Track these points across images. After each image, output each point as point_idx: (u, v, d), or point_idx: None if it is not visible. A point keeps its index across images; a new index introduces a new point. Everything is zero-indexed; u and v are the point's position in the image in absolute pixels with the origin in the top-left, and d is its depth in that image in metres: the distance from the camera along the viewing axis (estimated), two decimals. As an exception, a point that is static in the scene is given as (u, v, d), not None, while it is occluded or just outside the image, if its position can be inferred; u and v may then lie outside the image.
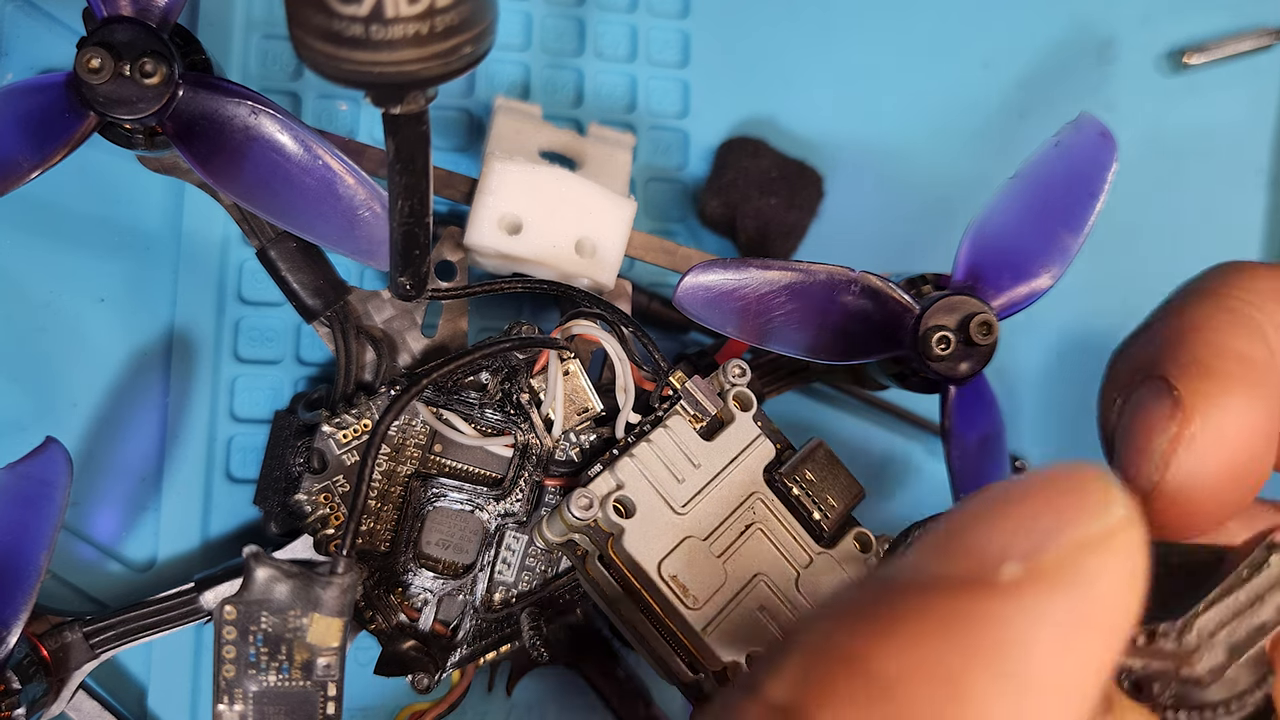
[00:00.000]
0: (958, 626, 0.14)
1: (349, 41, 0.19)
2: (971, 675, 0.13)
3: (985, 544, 0.14)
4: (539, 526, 0.29)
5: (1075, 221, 0.31)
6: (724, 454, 0.30)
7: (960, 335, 0.30)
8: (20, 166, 0.28)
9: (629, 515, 0.28)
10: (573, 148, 0.35)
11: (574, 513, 0.27)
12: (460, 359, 0.30)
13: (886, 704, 0.13)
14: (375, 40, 0.19)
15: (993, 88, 0.42)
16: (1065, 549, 0.14)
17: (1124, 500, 0.14)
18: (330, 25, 0.19)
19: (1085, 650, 0.14)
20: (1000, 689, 0.13)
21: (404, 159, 0.23)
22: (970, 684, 0.13)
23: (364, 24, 0.18)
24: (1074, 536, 0.14)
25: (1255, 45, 0.43)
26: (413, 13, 0.19)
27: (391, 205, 0.24)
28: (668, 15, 0.39)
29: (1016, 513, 0.14)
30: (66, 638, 0.30)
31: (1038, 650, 0.14)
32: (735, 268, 0.30)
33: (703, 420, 0.30)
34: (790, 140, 0.39)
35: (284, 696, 0.26)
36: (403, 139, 0.22)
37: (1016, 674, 0.13)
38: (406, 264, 0.27)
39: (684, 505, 0.29)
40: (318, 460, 0.30)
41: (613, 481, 0.28)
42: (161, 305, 0.35)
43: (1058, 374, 0.42)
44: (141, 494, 0.34)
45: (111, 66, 0.27)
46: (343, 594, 0.26)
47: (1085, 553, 0.14)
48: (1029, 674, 0.13)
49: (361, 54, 0.19)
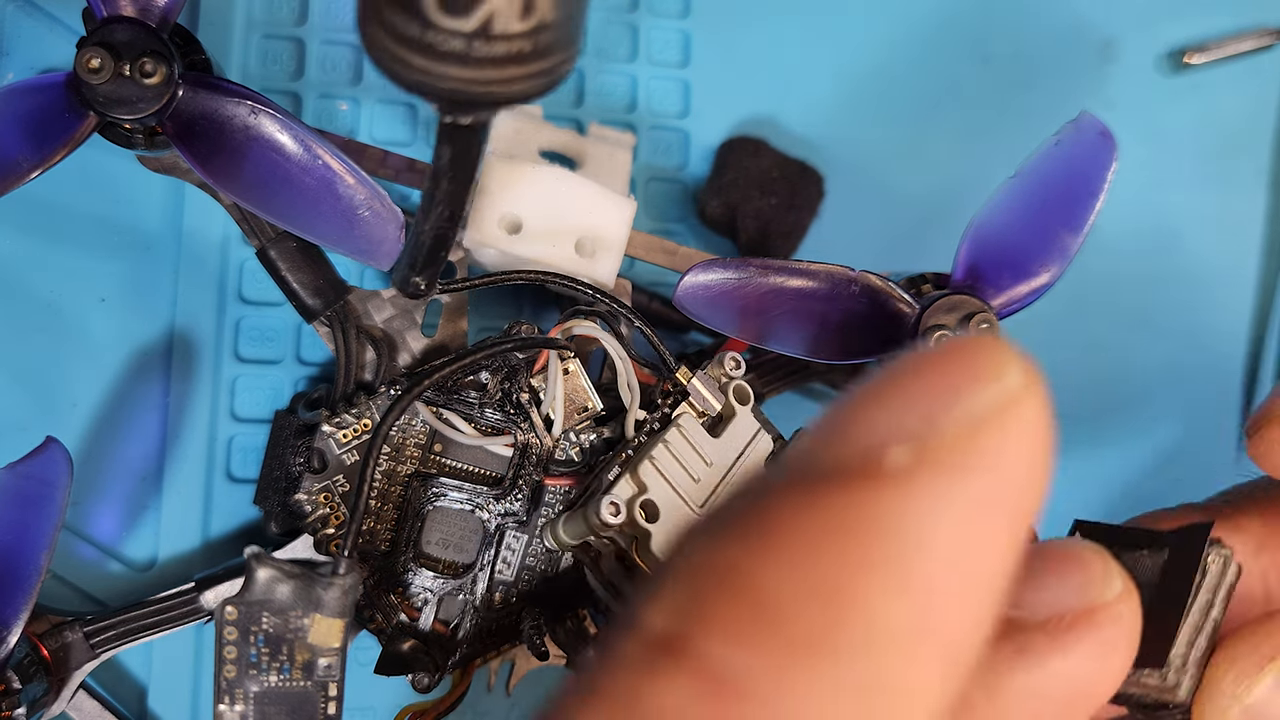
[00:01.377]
0: (843, 529, 0.12)
1: (445, 56, 0.17)
2: (865, 586, 0.12)
3: (869, 428, 0.12)
4: (552, 528, 0.29)
5: (1075, 221, 0.31)
6: (732, 450, 0.30)
7: (960, 334, 0.30)
8: (20, 166, 0.28)
9: (654, 519, 0.28)
10: (573, 147, 0.35)
11: (603, 518, 0.27)
12: (461, 359, 0.30)
13: (778, 627, 0.12)
14: (477, 56, 0.17)
15: (993, 87, 0.42)
16: (959, 424, 0.12)
17: (1021, 365, 0.13)
18: (425, 36, 0.17)
19: (992, 542, 0.12)
20: (900, 599, 0.12)
21: (456, 167, 0.22)
22: (865, 596, 0.12)
23: (466, 39, 0.17)
24: (967, 410, 0.12)
25: (1256, 45, 0.43)
26: (522, 29, 0.17)
27: (429, 207, 0.24)
28: (668, 15, 0.39)
29: (904, 390, 0.13)
30: (67, 637, 0.30)
31: (936, 549, 0.12)
32: (735, 267, 0.30)
33: (707, 415, 0.30)
34: (791, 140, 0.39)
35: (285, 697, 0.26)
36: (459, 149, 0.21)
37: (916, 580, 0.12)
38: (429, 264, 0.26)
39: (701, 505, 0.29)
40: (318, 460, 0.30)
41: (635, 485, 0.28)
42: (162, 305, 0.35)
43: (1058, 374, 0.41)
44: (142, 494, 0.34)
45: (111, 66, 0.27)
46: (344, 595, 0.26)
47: (981, 427, 0.12)
48: (930, 577, 0.12)
49: (458, 70, 0.18)
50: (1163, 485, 0.42)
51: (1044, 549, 0.18)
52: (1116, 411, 0.42)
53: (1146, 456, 0.42)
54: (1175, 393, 0.42)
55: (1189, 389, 0.42)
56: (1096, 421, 0.42)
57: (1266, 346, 0.43)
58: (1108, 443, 0.42)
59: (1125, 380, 0.42)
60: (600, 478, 0.29)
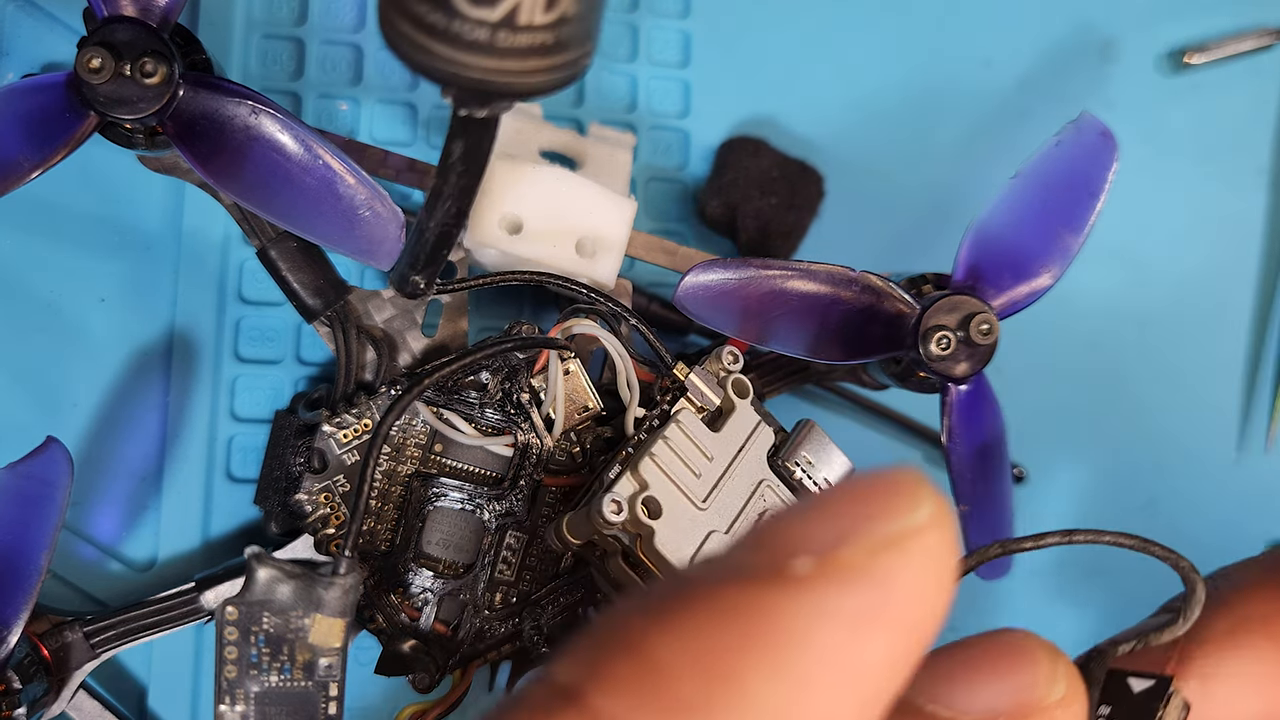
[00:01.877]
0: (737, 617, 0.13)
1: (469, 46, 0.18)
2: (745, 666, 0.13)
3: (785, 539, 0.14)
4: (556, 529, 0.29)
5: (1076, 221, 0.31)
6: (732, 444, 0.30)
7: (960, 335, 0.30)
8: (21, 166, 0.28)
9: (656, 516, 0.28)
10: (573, 147, 0.35)
11: (605, 517, 0.27)
12: (462, 360, 0.30)
13: (659, 691, 0.13)
14: (501, 47, 0.18)
15: (993, 87, 0.42)
16: (862, 545, 0.14)
17: (934, 501, 0.14)
18: (450, 26, 0.17)
19: (874, 647, 0.14)
20: (775, 683, 0.13)
21: (467, 161, 0.22)
22: (744, 674, 0.13)
23: (491, 29, 0.17)
24: (875, 533, 0.14)
25: (1256, 45, 0.43)
26: (546, 21, 0.17)
27: (435, 204, 0.24)
28: (668, 15, 0.39)
29: (824, 511, 0.14)
30: (67, 637, 0.30)
31: (818, 645, 0.13)
32: (736, 267, 0.30)
33: (706, 411, 0.30)
34: (791, 140, 0.39)
35: (286, 697, 0.26)
36: (472, 142, 0.21)
37: (793, 668, 0.13)
38: (430, 263, 0.26)
39: (704, 500, 0.29)
40: (318, 460, 0.30)
41: (637, 482, 0.28)
42: (162, 305, 0.35)
43: (1058, 374, 0.42)
44: (142, 494, 0.34)
45: (112, 66, 0.27)
46: (345, 595, 0.26)
47: (883, 549, 0.14)
48: (807, 668, 0.13)
49: (482, 59, 0.18)
50: (1163, 485, 0.42)
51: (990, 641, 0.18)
52: (1116, 411, 0.42)
53: (1146, 456, 0.42)
54: (1175, 392, 0.42)
55: (1189, 389, 0.42)
56: (1095, 421, 0.42)
57: (1266, 346, 0.43)
58: (1106, 442, 0.42)
59: (1124, 380, 0.42)
60: (601, 476, 0.29)
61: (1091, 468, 0.42)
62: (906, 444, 0.40)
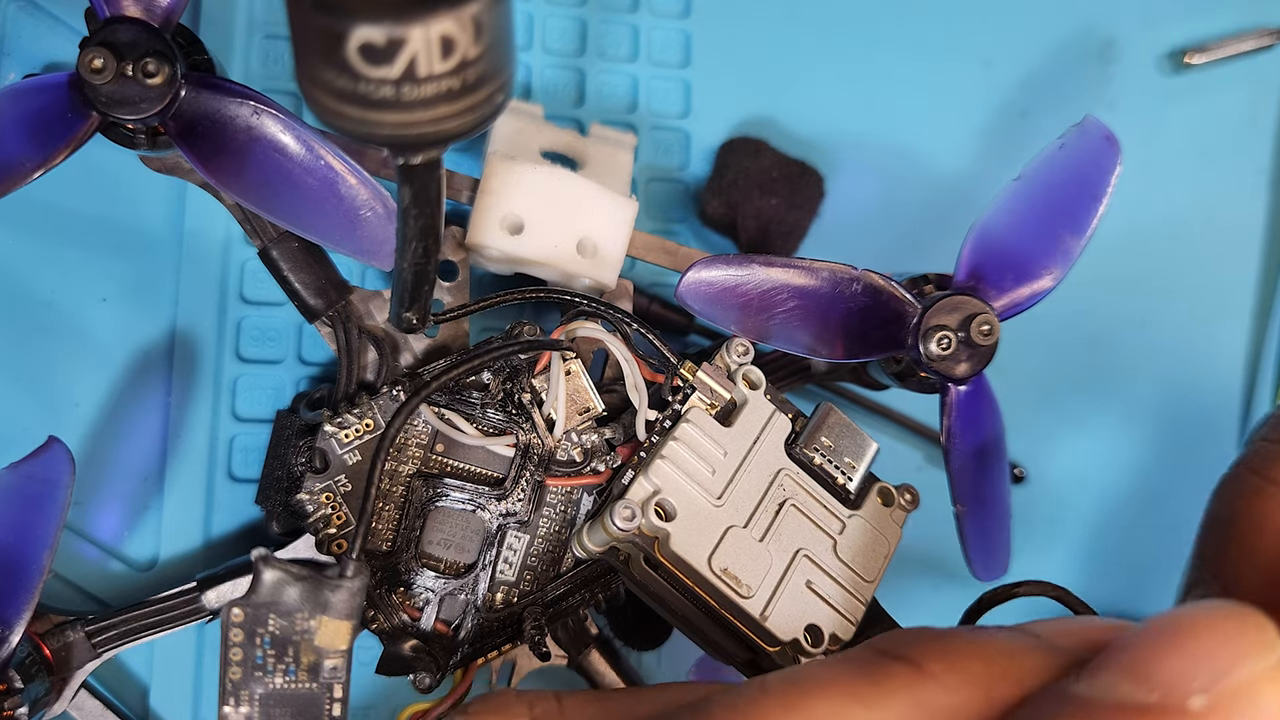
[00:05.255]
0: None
1: (378, 104, 0.18)
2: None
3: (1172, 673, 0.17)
4: (579, 539, 0.29)
5: (1078, 224, 0.31)
6: (746, 436, 0.30)
7: (961, 335, 0.30)
8: (23, 166, 0.28)
9: (671, 518, 0.28)
10: (574, 148, 0.35)
11: (618, 524, 0.27)
12: (465, 363, 0.30)
13: None
14: (407, 101, 0.18)
15: (994, 87, 0.42)
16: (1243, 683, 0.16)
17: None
18: (356, 88, 0.18)
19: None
20: None
21: (420, 204, 0.22)
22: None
23: (395, 86, 0.17)
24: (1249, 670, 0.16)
25: (1256, 45, 0.43)
26: (446, 68, 0.18)
27: (403, 247, 0.24)
28: (669, 15, 0.40)
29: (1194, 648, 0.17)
30: (69, 637, 0.31)
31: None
32: (738, 264, 0.30)
33: (717, 406, 0.30)
34: (791, 140, 0.39)
35: (290, 698, 0.26)
36: (420, 187, 0.22)
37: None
38: (414, 300, 0.27)
39: (720, 496, 0.29)
40: (320, 460, 0.30)
41: (649, 486, 0.28)
42: (163, 305, 0.35)
43: (1058, 374, 0.42)
44: (144, 493, 0.35)
45: (114, 67, 0.27)
46: (352, 597, 0.26)
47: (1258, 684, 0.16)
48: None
49: (392, 115, 0.18)
50: (1163, 485, 0.42)
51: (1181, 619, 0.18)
52: (1115, 411, 0.42)
53: (1146, 455, 0.42)
54: (1175, 392, 0.42)
55: (1189, 388, 0.42)
56: (1095, 421, 0.42)
57: (1266, 346, 0.43)
58: (1106, 442, 0.42)
59: (1125, 379, 0.42)
60: (616, 482, 0.29)
61: (1091, 468, 0.42)
62: (907, 444, 0.40)
